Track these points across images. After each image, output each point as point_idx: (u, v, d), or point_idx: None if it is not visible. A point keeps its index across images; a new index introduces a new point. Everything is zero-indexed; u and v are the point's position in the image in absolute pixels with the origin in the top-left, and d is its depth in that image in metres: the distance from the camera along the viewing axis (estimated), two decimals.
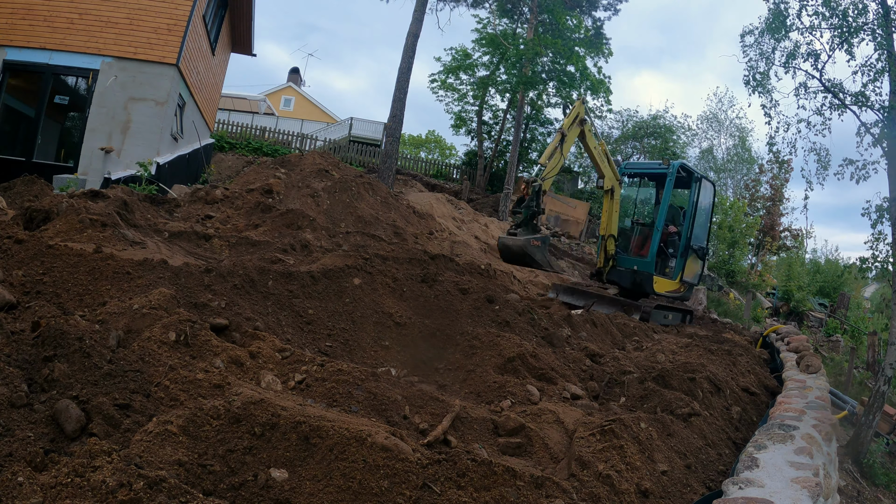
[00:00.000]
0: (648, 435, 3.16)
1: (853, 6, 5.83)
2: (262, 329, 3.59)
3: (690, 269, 10.70)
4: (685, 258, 10.40)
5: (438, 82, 26.57)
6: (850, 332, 18.12)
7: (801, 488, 2.50)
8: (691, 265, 10.69)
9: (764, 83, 6.62)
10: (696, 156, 33.75)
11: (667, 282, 10.21)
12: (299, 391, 2.87)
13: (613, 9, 24.61)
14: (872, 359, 11.72)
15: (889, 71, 5.54)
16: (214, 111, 18.26)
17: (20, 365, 2.37)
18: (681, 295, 10.64)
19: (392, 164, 17.91)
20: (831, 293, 23.51)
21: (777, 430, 3.35)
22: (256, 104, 32.48)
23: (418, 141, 49.11)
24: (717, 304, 17.42)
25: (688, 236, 10.36)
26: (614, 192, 10.13)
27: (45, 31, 11.22)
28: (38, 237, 4.18)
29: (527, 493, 2.26)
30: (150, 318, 3.04)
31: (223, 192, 10.18)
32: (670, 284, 10.29)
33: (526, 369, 4.06)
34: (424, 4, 17.91)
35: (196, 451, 2.05)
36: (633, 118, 28.91)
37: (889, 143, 5.65)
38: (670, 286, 10.28)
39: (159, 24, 11.86)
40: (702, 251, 10.94)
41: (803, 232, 31.27)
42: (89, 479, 1.66)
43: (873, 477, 5.48)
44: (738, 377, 5.32)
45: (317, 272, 4.74)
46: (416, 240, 11.18)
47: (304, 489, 2.02)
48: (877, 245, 5.59)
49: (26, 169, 10.32)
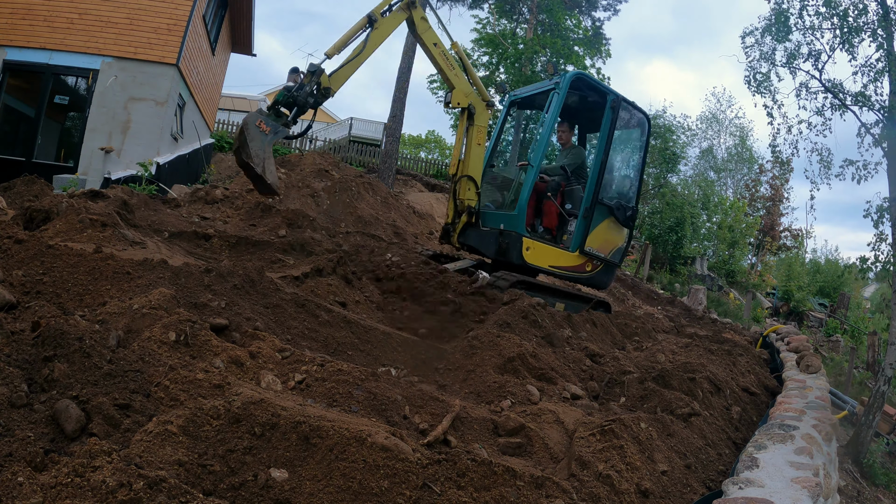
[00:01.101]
0: (648, 435, 3.16)
1: (853, 6, 5.83)
2: (261, 329, 3.59)
3: (602, 236, 7.29)
4: (588, 219, 7.11)
5: (438, 82, 26.57)
6: (850, 332, 18.14)
7: (801, 488, 2.50)
8: (604, 232, 7.31)
9: (765, 84, 6.62)
10: (697, 156, 33.77)
11: (555, 252, 7.07)
12: (299, 391, 2.87)
13: (613, 9, 24.63)
14: (872, 359, 11.73)
15: (889, 71, 5.55)
16: (214, 111, 18.26)
17: (20, 365, 2.37)
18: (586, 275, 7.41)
19: (392, 164, 17.92)
20: (831, 293, 23.54)
21: (777, 430, 3.35)
22: (256, 104, 32.50)
23: (418, 141, 49.12)
24: (717, 304, 17.43)
25: (595, 186, 7.10)
26: (474, 114, 7.22)
27: (45, 31, 11.22)
28: (38, 237, 4.17)
29: (527, 493, 2.26)
30: (150, 318, 3.04)
31: (223, 191, 10.19)
32: (562, 256, 7.12)
33: (526, 369, 4.06)
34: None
35: (196, 451, 2.05)
36: None
37: (889, 144, 5.65)
38: (562, 259, 7.13)
39: (159, 23, 11.87)
40: (623, 212, 7.42)
41: (803, 232, 31.32)
42: (89, 479, 1.66)
43: (873, 477, 5.49)
44: (738, 377, 5.32)
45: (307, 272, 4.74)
46: (416, 240, 11.18)
47: (304, 489, 2.02)
48: (878, 245, 5.60)
49: (26, 169, 10.33)
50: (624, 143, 7.98)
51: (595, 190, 7.12)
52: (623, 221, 7.47)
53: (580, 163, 7.63)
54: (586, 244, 7.20)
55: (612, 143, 7.20)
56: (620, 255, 7.69)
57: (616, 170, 7.82)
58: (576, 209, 7.29)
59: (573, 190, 7.46)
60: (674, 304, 15.05)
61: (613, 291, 14.68)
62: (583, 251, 7.20)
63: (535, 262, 6.89)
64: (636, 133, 7.92)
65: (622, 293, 15.04)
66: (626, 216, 7.48)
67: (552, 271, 7.19)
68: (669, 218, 21.85)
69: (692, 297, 16.22)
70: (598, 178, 7.14)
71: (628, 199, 7.71)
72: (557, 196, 7.34)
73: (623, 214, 7.43)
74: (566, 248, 7.21)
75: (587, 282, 7.58)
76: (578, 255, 7.22)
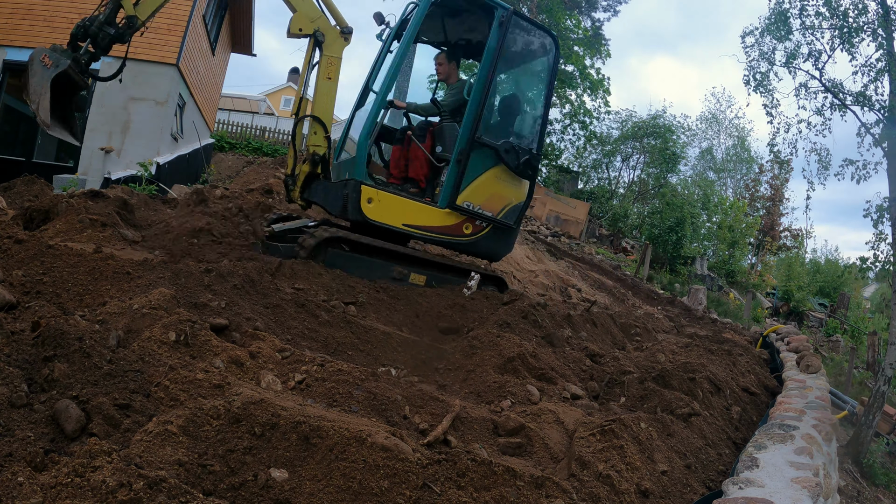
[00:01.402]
0: (648, 435, 3.16)
1: (853, 6, 5.84)
2: (261, 329, 3.59)
3: (487, 189, 5.65)
4: (463, 165, 5.45)
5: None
6: (850, 332, 18.15)
7: (801, 488, 2.50)
8: (491, 183, 5.67)
9: (764, 83, 6.63)
10: (696, 156, 33.81)
11: (413, 206, 5.48)
12: (299, 391, 2.87)
13: (612, 10, 24.65)
14: (872, 359, 11.73)
15: (889, 71, 5.55)
16: (214, 111, 18.27)
17: (20, 365, 2.37)
18: (464, 240, 5.71)
19: None
20: (831, 293, 23.55)
21: (777, 430, 3.35)
22: (256, 104, 32.56)
23: None
24: (717, 304, 17.44)
25: (475, 120, 5.47)
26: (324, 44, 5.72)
27: (45, 31, 11.22)
28: (37, 237, 4.17)
29: (527, 493, 2.26)
30: (150, 318, 3.04)
31: (223, 192, 10.19)
32: (425, 213, 5.50)
33: (526, 369, 4.06)
34: None
35: (196, 451, 2.05)
36: (632, 118, 28.94)
37: (889, 144, 5.66)
38: (426, 217, 5.49)
39: (159, 23, 11.85)
40: (515, 157, 5.65)
41: (803, 232, 31.35)
42: (89, 479, 1.66)
43: (873, 477, 5.49)
44: (738, 377, 5.33)
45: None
46: None
47: (304, 489, 2.02)
48: (878, 245, 5.61)
49: (26, 169, 10.33)
50: (522, 71, 6.35)
51: (473, 127, 5.44)
52: (517, 169, 5.68)
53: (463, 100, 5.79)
54: (461, 198, 5.47)
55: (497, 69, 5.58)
56: (517, 216, 5.92)
57: (509, 104, 6.11)
58: (448, 152, 5.64)
59: (444, 128, 5.78)
60: (674, 304, 15.04)
61: (614, 291, 14.68)
62: (454, 207, 5.49)
63: (380, 218, 5.31)
64: (539, 58, 6.17)
65: (622, 293, 15.03)
66: (519, 162, 5.66)
67: (411, 232, 5.49)
68: (669, 218, 21.86)
69: (692, 297, 16.22)
70: (477, 112, 5.45)
71: (527, 141, 5.96)
72: (426, 138, 5.81)
73: (515, 160, 5.62)
74: (432, 201, 5.61)
75: (467, 249, 5.86)
76: (449, 213, 5.51)
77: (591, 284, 14.65)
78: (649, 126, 27.41)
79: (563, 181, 29.01)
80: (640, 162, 29.16)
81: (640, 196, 28.11)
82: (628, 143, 28.75)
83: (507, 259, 12.50)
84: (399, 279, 5.33)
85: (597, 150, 28.95)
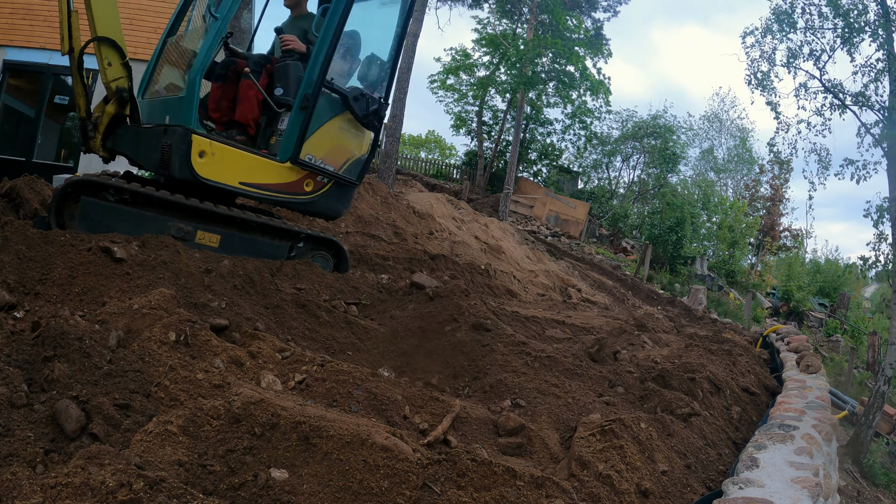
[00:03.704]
0: (648, 435, 3.16)
1: (854, 7, 5.84)
2: (262, 329, 3.59)
3: (330, 140, 5.02)
4: (309, 112, 4.77)
5: (438, 83, 26.62)
6: (850, 332, 18.16)
7: (801, 488, 2.50)
8: (334, 133, 5.04)
9: (765, 83, 6.64)
10: (697, 156, 33.82)
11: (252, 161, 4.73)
12: (299, 391, 2.87)
13: (613, 10, 24.62)
14: (872, 359, 11.74)
15: (889, 71, 5.56)
16: None
17: (20, 365, 2.37)
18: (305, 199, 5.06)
19: (392, 164, 17.93)
20: (831, 293, 23.55)
21: (777, 430, 3.35)
22: None
23: (418, 141, 49.08)
24: (717, 304, 17.44)
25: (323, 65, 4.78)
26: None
27: (45, 31, 11.21)
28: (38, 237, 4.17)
29: (527, 493, 2.26)
30: (150, 318, 3.04)
31: None
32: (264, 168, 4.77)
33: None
34: (424, 4, 17.93)
35: (196, 451, 2.05)
36: (632, 118, 28.95)
37: (889, 144, 5.66)
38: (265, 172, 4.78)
39: (159, 24, 11.86)
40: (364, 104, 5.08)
41: (803, 232, 31.36)
42: (89, 479, 1.66)
43: (873, 477, 5.49)
44: (738, 377, 5.33)
45: None
46: (416, 240, 11.18)
47: (304, 489, 2.02)
48: (878, 245, 5.61)
49: (26, 169, 10.31)
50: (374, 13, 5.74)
51: (322, 69, 4.73)
52: (363, 119, 5.09)
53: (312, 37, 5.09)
54: (304, 151, 4.81)
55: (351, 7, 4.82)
56: (359, 171, 5.31)
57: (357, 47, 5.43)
58: (290, 96, 4.85)
59: (289, 67, 4.93)
60: (674, 304, 15.05)
61: (614, 291, 14.68)
62: (297, 161, 4.81)
63: (213, 176, 4.49)
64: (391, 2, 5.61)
65: (622, 293, 15.03)
66: (368, 112, 5.08)
67: (247, 192, 4.75)
68: (669, 218, 21.87)
69: (692, 297, 16.22)
70: (327, 52, 4.74)
71: (375, 89, 5.33)
72: (262, 76, 4.95)
73: (364, 109, 5.04)
74: (273, 155, 4.84)
75: (306, 208, 5.19)
76: (291, 168, 4.83)
77: (592, 284, 14.66)
78: (649, 126, 27.43)
79: (563, 181, 29.05)
80: (641, 162, 29.19)
81: (640, 196, 28.13)
82: (628, 143, 28.78)
83: (508, 259, 12.52)
84: (181, 238, 4.41)
85: (597, 150, 28.98)
